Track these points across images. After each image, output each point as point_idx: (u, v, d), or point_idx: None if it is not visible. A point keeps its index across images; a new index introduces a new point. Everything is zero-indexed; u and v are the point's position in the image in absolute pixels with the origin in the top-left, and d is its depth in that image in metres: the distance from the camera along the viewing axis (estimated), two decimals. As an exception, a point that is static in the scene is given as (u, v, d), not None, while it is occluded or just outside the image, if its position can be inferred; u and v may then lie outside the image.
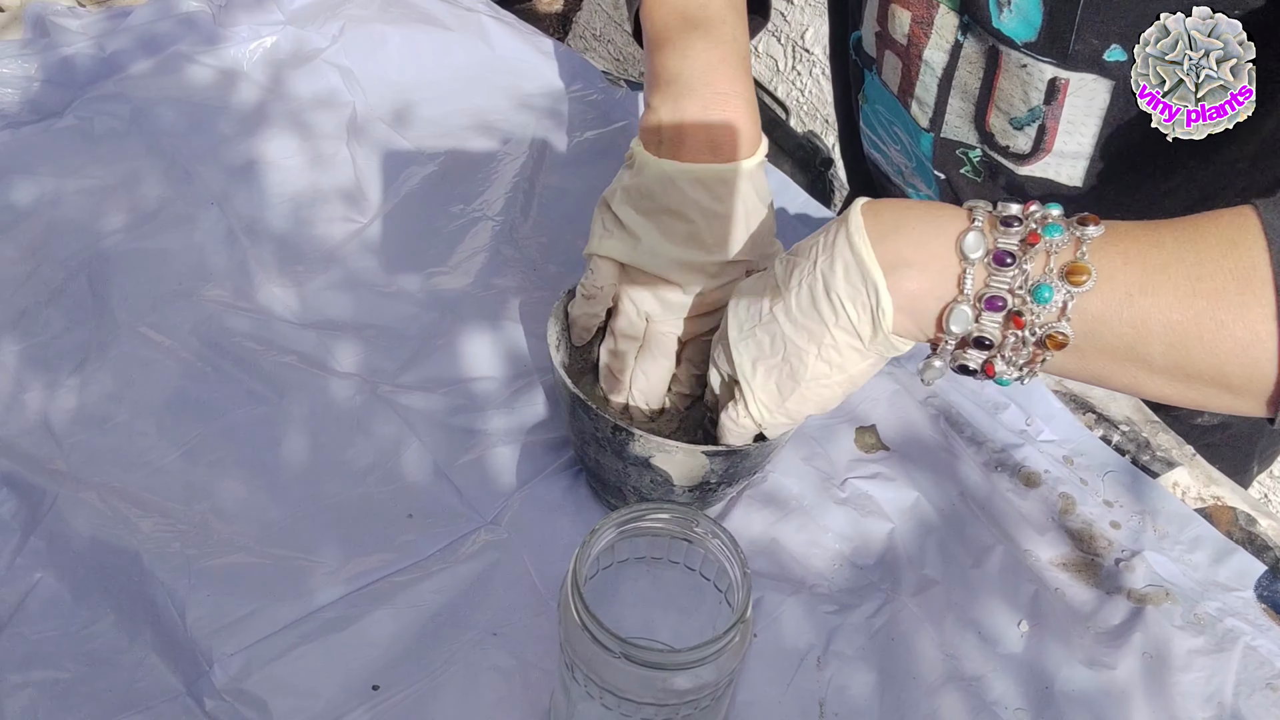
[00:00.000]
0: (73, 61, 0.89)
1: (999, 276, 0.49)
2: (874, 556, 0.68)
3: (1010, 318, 0.50)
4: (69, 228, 0.78)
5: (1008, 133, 0.72)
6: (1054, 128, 0.70)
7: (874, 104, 0.83)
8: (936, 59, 0.73)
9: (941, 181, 0.79)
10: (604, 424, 0.60)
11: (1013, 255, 0.49)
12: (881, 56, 0.78)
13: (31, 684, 0.55)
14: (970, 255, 0.49)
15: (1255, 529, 0.73)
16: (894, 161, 0.84)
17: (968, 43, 0.71)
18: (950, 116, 0.75)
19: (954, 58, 0.72)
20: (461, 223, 0.85)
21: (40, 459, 0.65)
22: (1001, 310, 0.50)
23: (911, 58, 0.75)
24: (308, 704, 0.56)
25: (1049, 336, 0.49)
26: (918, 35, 0.73)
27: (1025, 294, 0.49)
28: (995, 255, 0.49)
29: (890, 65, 0.77)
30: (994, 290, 0.49)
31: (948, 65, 0.73)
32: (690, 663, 0.46)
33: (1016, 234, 0.49)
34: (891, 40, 0.76)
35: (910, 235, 0.51)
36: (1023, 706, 0.62)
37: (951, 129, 0.76)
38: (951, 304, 0.50)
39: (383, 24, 0.98)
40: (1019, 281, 0.49)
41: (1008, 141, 0.73)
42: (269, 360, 0.72)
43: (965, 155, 0.76)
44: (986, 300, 0.49)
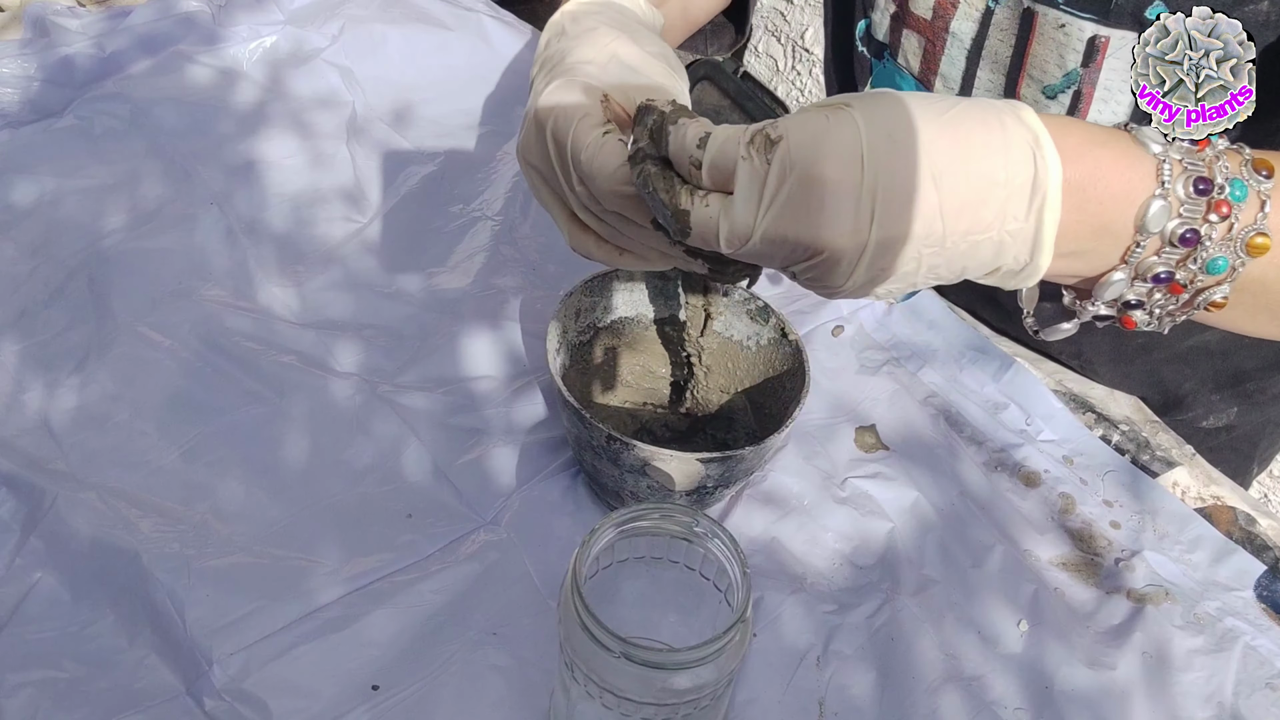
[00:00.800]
0: (72, 61, 0.89)
1: (1173, 254, 0.48)
2: (874, 556, 0.68)
3: (1171, 287, 0.48)
4: (69, 227, 0.78)
5: (1040, 103, 0.71)
6: (1090, 94, 0.69)
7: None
8: (965, 29, 0.73)
9: None
10: (599, 433, 0.60)
11: (1195, 232, 0.47)
12: (898, 38, 0.77)
13: (31, 684, 0.55)
14: (1151, 229, 0.47)
15: (1255, 529, 0.73)
16: None
17: (1000, 9, 0.70)
18: (978, 91, 0.74)
19: (984, 26, 0.72)
20: (461, 222, 0.85)
21: (40, 459, 0.65)
22: (1165, 282, 0.48)
23: (937, 31, 0.74)
24: (307, 704, 0.56)
25: (1209, 302, 0.49)
26: (945, 7, 0.73)
27: (1198, 269, 0.48)
28: (1181, 238, 0.47)
29: (910, 45, 0.77)
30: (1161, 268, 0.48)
31: (977, 35, 0.72)
32: (690, 663, 0.46)
33: (1201, 207, 0.47)
34: (913, 18, 0.75)
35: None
36: (1022, 706, 0.62)
37: None
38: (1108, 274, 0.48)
39: (382, 24, 0.98)
40: (1194, 258, 0.47)
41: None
42: (269, 360, 0.72)
43: None
44: (1153, 277, 0.48)
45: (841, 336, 0.81)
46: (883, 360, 0.80)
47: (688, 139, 0.45)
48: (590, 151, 0.51)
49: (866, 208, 0.44)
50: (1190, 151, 0.48)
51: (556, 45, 0.60)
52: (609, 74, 0.56)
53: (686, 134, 0.46)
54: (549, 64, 0.59)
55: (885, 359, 0.80)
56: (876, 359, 0.80)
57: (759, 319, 0.70)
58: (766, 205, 0.44)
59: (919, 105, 0.45)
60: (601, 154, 0.51)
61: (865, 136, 0.44)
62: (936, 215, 0.44)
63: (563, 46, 0.60)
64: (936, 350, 0.81)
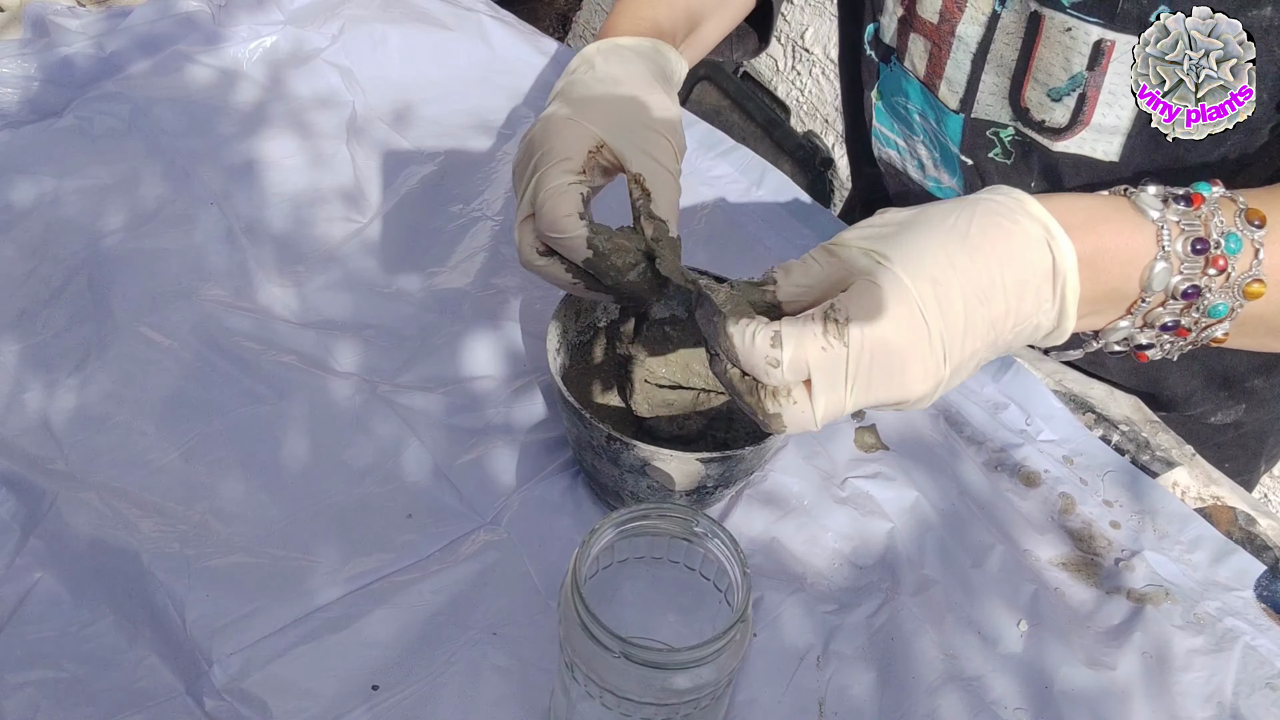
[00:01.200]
0: (72, 61, 0.89)
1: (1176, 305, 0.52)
2: (874, 556, 0.68)
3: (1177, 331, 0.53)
4: (68, 227, 0.78)
5: (1044, 106, 0.72)
6: (1094, 97, 0.69)
7: (893, 96, 0.82)
8: (971, 33, 0.73)
9: (968, 168, 0.78)
10: (599, 433, 0.60)
11: (1196, 287, 0.51)
12: (905, 42, 0.78)
13: (31, 684, 0.55)
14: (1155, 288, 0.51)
15: (1255, 529, 0.73)
16: (915, 155, 0.83)
17: (1006, 12, 0.71)
18: (983, 94, 0.75)
19: (990, 30, 0.72)
20: (461, 222, 0.85)
21: (40, 459, 0.65)
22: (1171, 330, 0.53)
23: (943, 35, 0.74)
24: (307, 704, 0.56)
25: (1212, 338, 0.53)
26: (951, 10, 0.73)
27: (1200, 315, 0.52)
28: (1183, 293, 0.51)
29: (916, 49, 0.77)
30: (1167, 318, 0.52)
31: (983, 39, 0.73)
32: (690, 662, 0.46)
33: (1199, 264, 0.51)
34: (920, 21, 0.75)
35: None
36: (1022, 706, 0.62)
37: (983, 108, 0.75)
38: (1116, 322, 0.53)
39: (383, 24, 0.98)
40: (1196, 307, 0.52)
41: (1044, 116, 0.72)
42: (269, 360, 0.72)
43: (996, 136, 0.76)
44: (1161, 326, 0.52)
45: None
46: (883, 360, 0.80)
47: (758, 343, 0.48)
48: (549, 193, 0.59)
49: (938, 352, 0.48)
50: (1186, 213, 0.51)
51: (583, 76, 0.66)
52: (610, 123, 0.62)
53: (757, 338, 0.48)
54: (568, 92, 0.65)
55: (885, 359, 0.80)
56: (876, 359, 0.80)
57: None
58: (852, 382, 0.48)
59: (941, 236, 0.49)
60: (556, 199, 0.58)
61: (915, 292, 0.47)
62: (990, 327, 0.49)
63: (585, 80, 0.65)
64: (936, 350, 0.81)
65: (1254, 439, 0.92)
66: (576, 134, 0.61)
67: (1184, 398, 0.87)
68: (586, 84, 0.65)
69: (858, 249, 0.49)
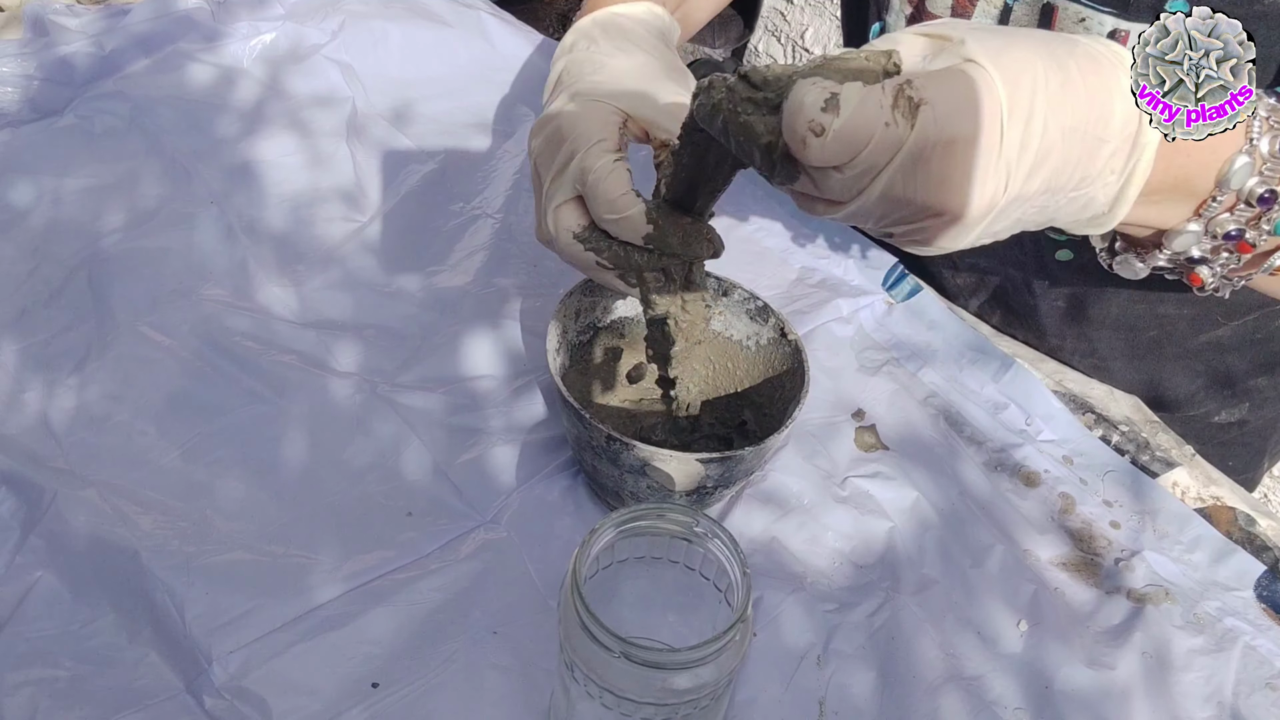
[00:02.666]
0: (72, 60, 0.89)
1: (1246, 212, 0.48)
2: (874, 555, 0.68)
3: (1239, 244, 0.49)
4: (69, 227, 0.78)
5: None
6: None
7: None
8: None
9: None
10: (598, 433, 0.60)
11: (1274, 193, 0.47)
12: None
13: (31, 682, 0.55)
14: (1232, 185, 0.48)
15: (1255, 529, 0.73)
16: None
17: (1019, 5, 0.70)
18: None
19: (1002, 23, 0.72)
20: (461, 221, 0.84)
21: (40, 457, 0.65)
22: (1234, 239, 0.49)
23: None
24: (307, 702, 0.56)
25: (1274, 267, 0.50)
26: (963, 5, 0.73)
27: (1268, 230, 0.48)
28: (1259, 198, 0.48)
29: None
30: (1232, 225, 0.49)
31: None
32: (690, 662, 0.46)
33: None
34: (930, 18, 0.75)
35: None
36: (1022, 706, 0.62)
37: None
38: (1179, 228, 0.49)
39: (383, 20, 0.98)
40: (1266, 218, 0.48)
41: None
42: (269, 359, 0.72)
43: None
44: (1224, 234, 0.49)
45: (841, 336, 0.81)
46: (883, 360, 0.80)
47: (807, 102, 0.41)
48: (598, 174, 0.57)
49: (1003, 173, 0.43)
50: (1276, 108, 0.48)
51: (584, 53, 0.64)
52: (631, 96, 0.60)
53: (807, 97, 0.41)
54: (574, 71, 0.63)
55: (885, 359, 0.80)
56: (876, 359, 0.80)
57: (758, 319, 0.70)
58: (897, 172, 0.42)
59: (1044, 58, 0.44)
60: (609, 179, 0.56)
61: (1005, 100, 0.42)
62: (1055, 173, 0.44)
63: (590, 57, 0.63)
64: (936, 350, 0.81)
65: (1257, 437, 0.92)
66: (603, 114, 0.59)
67: (1187, 398, 0.87)
68: (596, 62, 0.63)
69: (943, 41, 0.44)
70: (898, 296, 0.84)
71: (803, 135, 0.41)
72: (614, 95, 0.60)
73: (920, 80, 0.42)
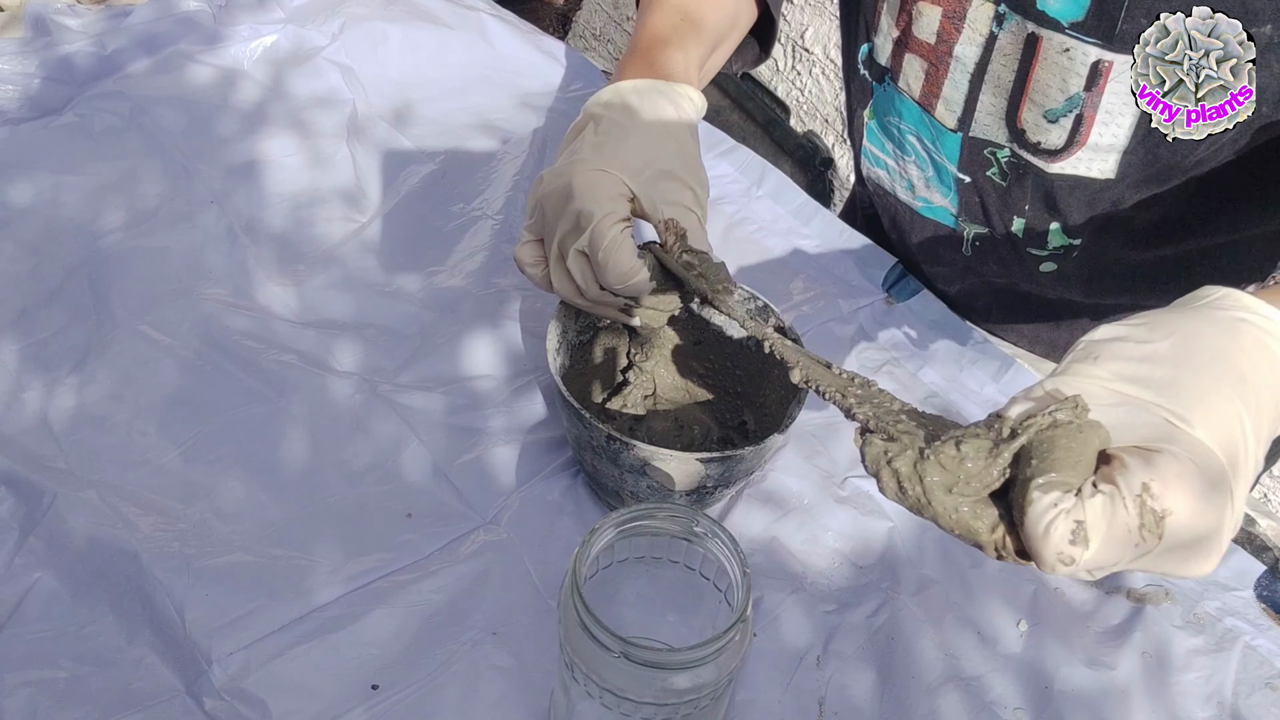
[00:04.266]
0: (73, 60, 0.89)
1: None
2: (874, 556, 0.68)
3: None
4: (69, 226, 0.78)
5: (1040, 127, 0.72)
6: (1091, 118, 0.69)
7: (885, 116, 0.82)
8: (968, 54, 0.73)
9: (965, 185, 0.79)
10: (598, 433, 0.60)
11: None
12: (899, 63, 0.78)
13: (30, 683, 0.55)
14: None
15: (1255, 529, 0.73)
16: (905, 175, 0.83)
17: (1003, 34, 0.70)
18: (980, 114, 0.75)
19: (987, 51, 0.72)
20: (461, 221, 0.85)
21: (40, 457, 0.65)
22: None
23: (940, 55, 0.74)
24: (307, 703, 0.56)
25: None
26: (948, 31, 0.73)
27: None
28: None
29: (912, 69, 0.77)
30: None
31: (980, 59, 0.72)
32: (690, 662, 0.46)
33: None
34: (915, 42, 0.75)
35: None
36: (1022, 706, 0.62)
37: (981, 127, 0.75)
38: None
39: (383, 22, 0.98)
40: None
41: (1039, 137, 0.72)
42: (268, 359, 0.72)
43: (993, 155, 0.76)
44: None
45: (841, 336, 0.81)
46: (883, 360, 0.80)
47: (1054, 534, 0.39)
48: (608, 248, 0.60)
49: (1231, 525, 0.42)
50: None
51: (615, 118, 0.66)
52: (641, 175, 0.64)
53: (1055, 529, 0.39)
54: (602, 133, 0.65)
55: (885, 359, 0.80)
56: (876, 359, 0.80)
57: (759, 319, 0.70)
58: (1141, 561, 0.42)
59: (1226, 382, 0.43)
60: (617, 251, 0.60)
61: (1229, 471, 0.41)
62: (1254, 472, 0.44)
63: (618, 123, 0.66)
64: (936, 350, 0.81)
65: None
66: (612, 186, 0.63)
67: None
68: (620, 128, 0.66)
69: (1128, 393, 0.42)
70: (898, 296, 0.84)
71: (1052, 565, 0.40)
72: (623, 169, 0.63)
73: (1158, 486, 0.40)
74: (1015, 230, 0.78)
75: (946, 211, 0.82)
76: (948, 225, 0.83)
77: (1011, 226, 0.78)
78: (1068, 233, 0.76)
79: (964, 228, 0.82)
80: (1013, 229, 0.78)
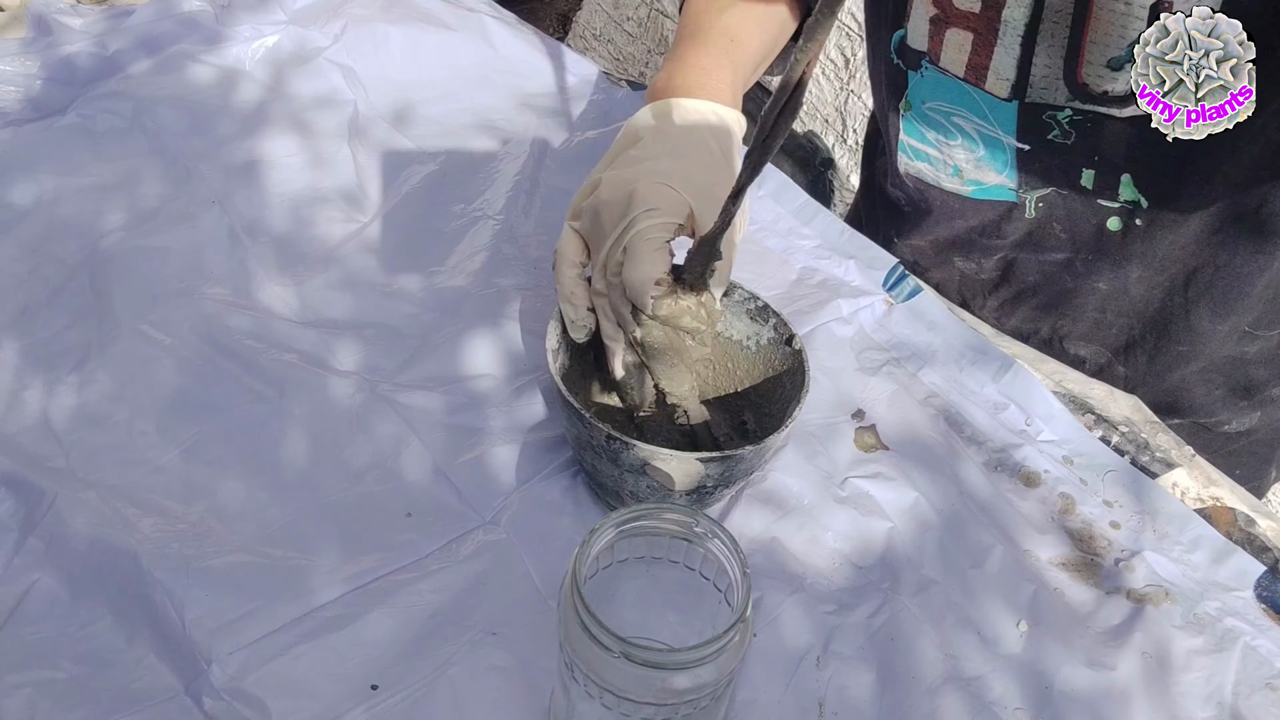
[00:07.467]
0: (75, 60, 0.89)
1: None
2: (874, 556, 0.68)
3: None
4: (70, 226, 0.78)
5: (1105, 77, 0.70)
6: None
7: (923, 104, 0.82)
8: (1018, 16, 0.72)
9: (1025, 154, 0.78)
10: (598, 433, 0.60)
11: None
12: (939, 42, 0.77)
13: (29, 684, 0.55)
14: None
15: (1254, 529, 0.73)
16: (951, 161, 0.82)
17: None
18: (1035, 78, 0.74)
19: (1036, 13, 0.71)
20: (462, 222, 0.85)
21: (40, 457, 0.65)
22: None
23: (988, 22, 0.73)
24: (306, 703, 0.56)
25: None
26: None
27: None
28: None
29: (955, 44, 0.76)
30: None
31: (1030, 21, 0.72)
32: (690, 663, 0.46)
33: None
34: (958, 14, 0.74)
35: None
36: (1022, 706, 0.62)
37: (1038, 91, 0.74)
38: None
39: (385, 23, 0.98)
40: None
41: (1106, 86, 0.71)
42: (269, 359, 0.72)
43: (1053, 119, 0.75)
44: None
45: (841, 336, 0.81)
46: (883, 360, 0.80)
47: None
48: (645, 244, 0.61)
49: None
50: None
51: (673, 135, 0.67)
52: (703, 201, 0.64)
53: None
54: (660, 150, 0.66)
55: (885, 359, 0.80)
56: (876, 359, 0.80)
57: (759, 319, 0.70)
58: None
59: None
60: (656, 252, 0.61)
61: None
62: None
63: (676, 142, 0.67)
64: (936, 350, 0.81)
65: (1264, 446, 0.92)
66: (677, 201, 0.63)
67: (1203, 405, 0.87)
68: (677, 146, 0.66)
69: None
70: (898, 297, 0.84)
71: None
72: (691, 191, 0.63)
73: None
74: (1084, 183, 0.78)
75: (1003, 188, 0.81)
76: (1007, 200, 0.82)
77: (1080, 180, 0.78)
78: (1139, 186, 0.76)
79: (1025, 197, 0.81)
80: (1081, 181, 0.78)
